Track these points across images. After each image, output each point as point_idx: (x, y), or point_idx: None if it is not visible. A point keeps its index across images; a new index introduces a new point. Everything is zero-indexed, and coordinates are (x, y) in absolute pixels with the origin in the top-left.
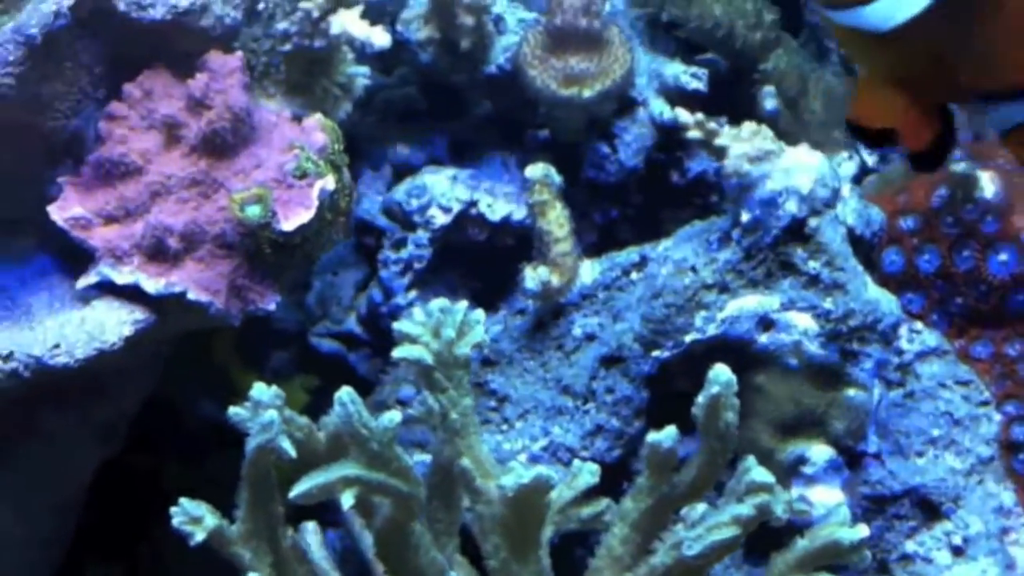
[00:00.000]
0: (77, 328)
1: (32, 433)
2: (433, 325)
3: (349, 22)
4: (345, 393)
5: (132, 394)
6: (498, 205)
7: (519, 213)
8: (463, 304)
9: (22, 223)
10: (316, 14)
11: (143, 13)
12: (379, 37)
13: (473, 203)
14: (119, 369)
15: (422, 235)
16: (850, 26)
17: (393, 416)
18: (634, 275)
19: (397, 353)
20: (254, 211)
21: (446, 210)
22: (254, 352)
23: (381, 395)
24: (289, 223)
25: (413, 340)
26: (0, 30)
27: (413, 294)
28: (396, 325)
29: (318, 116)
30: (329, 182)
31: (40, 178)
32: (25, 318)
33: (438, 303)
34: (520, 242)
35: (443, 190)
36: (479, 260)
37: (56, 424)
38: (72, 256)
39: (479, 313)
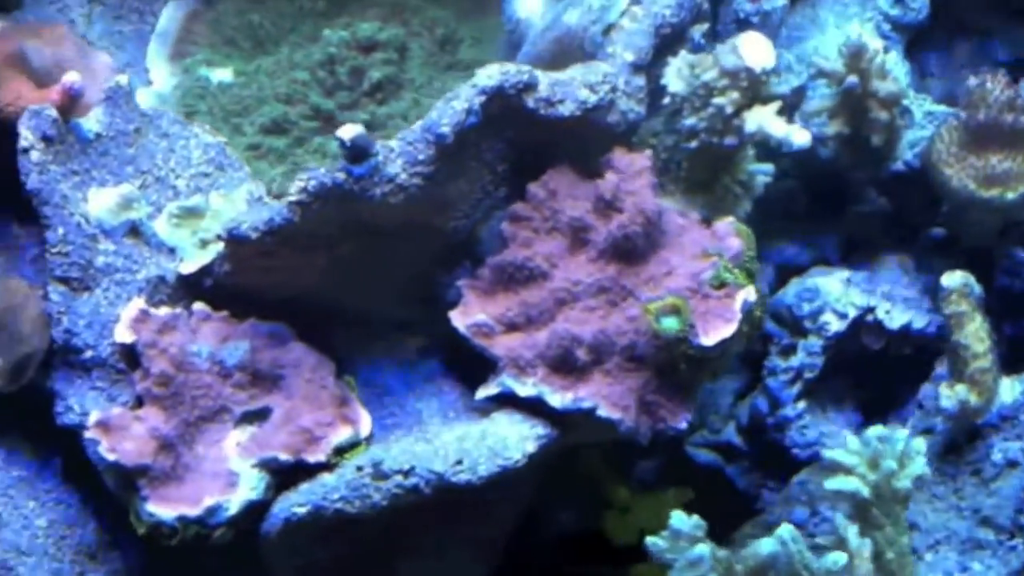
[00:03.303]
0: (478, 443)
1: (419, 547)
2: (870, 455)
3: (767, 119)
4: (786, 530)
5: (514, 507)
6: (897, 312)
7: (920, 321)
8: (903, 432)
9: (412, 325)
10: (729, 110)
11: (552, 110)
12: (800, 136)
13: (870, 309)
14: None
15: (814, 342)
16: None
17: (838, 559)
18: None
19: (830, 485)
20: (671, 323)
21: (841, 316)
22: (620, 460)
23: (772, 516)
24: (709, 337)
25: (847, 471)
26: (410, 128)
27: (802, 405)
28: (828, 453)
29: (731, 219)
30: (750, 293)
31: (434, 279)
32: (418, 427)
33: (876, 431)
34: (919, 352)
35: (837, 294)
36: (870, 369)
37: (444, 538)
38: (460, 361)
39: (920, 442)
